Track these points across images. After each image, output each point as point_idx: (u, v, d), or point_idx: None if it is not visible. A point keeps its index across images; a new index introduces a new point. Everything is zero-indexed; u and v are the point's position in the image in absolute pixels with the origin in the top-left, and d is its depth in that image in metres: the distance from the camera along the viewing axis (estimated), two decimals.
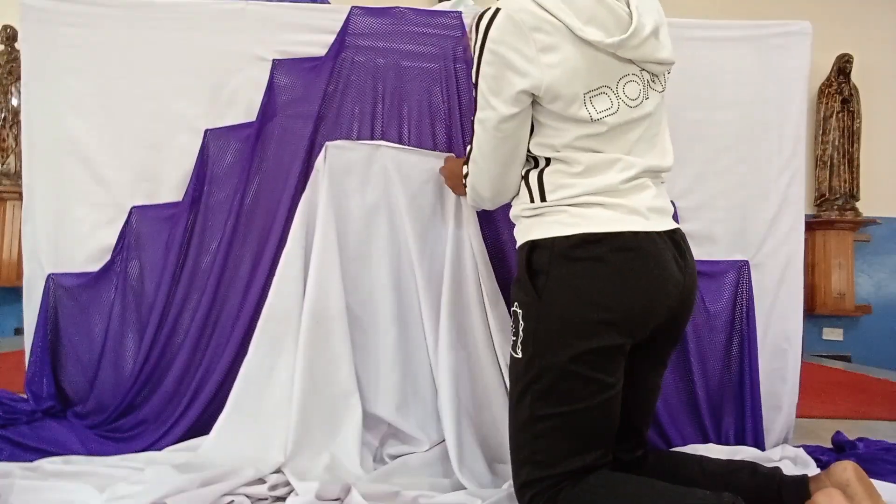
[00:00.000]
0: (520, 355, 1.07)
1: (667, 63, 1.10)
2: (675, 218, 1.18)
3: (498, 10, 1.03)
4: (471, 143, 1.17)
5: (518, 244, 1.14)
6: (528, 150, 1.12)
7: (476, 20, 1.07)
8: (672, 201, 1.61)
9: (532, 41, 1.00)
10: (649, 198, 1.09)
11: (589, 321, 1.01)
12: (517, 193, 1.16)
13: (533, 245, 1.08)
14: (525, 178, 1.12)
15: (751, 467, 1.14)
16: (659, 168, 1.12)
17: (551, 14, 1.00)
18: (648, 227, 1.05)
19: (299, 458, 1.33)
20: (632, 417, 1.15)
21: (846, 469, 1.04)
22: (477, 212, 1.48)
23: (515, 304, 1.10)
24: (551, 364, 1.03)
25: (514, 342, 1.09)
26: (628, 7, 1.05)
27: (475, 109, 1.12)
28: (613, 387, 1.05)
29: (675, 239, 1.10)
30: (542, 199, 1.09)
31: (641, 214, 1.06)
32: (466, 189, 1.23)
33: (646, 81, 1.09)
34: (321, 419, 1.40)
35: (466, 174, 1.22)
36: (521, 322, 1.07)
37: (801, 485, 1.07)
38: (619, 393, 1.07)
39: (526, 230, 1.11)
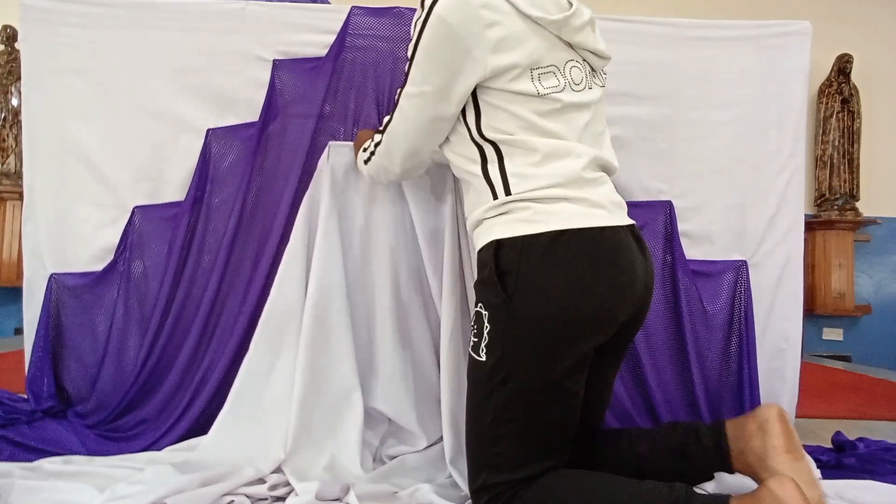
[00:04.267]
0: (483, 358, 1.04)
1: (604, 57, 1.13)
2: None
3: None
4: (389, 113, 1.16)
5: (480, 245, 1.09)
6: (482, 135, 1.07)
7: None
8: (669, 200, 1.63)
9: (479, 19, 0.99)
10: (610, 192, 1.10)
11: (560, 323, 0.99)
12: (470, 194, 1.13)
13: (499, 244, 1.04)
14: (485, 174, 1.07)
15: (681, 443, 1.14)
16: (608, 164, 1.13)
17: None
18: (613, 221, 1.05)
19: (299, 458, 1.33)
20: (587, 417, 1.14)
21: (770, 408, 1.07)
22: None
23: (480, 305, 1.06)
24: (519, 369, 1.01)
25: (476, 343, 1.05)
26: None
27: (403, 83, 1.10)
28: (578, 394, 1.05)
29: (635, 234, 1.09)
30: (507, 192, 1.04)
31: (605, 208, 1.05)
32: (371, 159, 1.24)
33: (587, 71, 1.11)
34: (321, 418, 1.40)
35: (375, 143, 1.22)
36: (486, 324, 1.04)
37: (718, 429, 1.11)
38: (582, 397, 1.06)
39: (488, 230, 1.07)
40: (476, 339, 1.06)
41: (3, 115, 3.84)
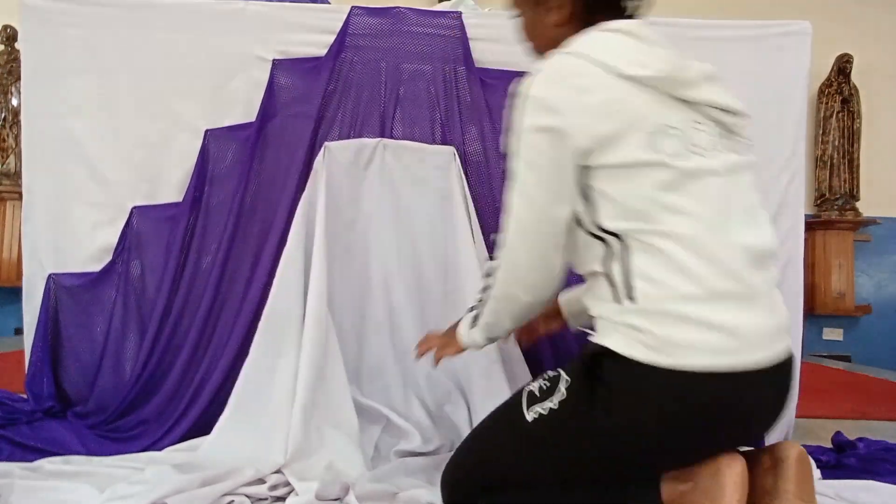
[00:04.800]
0: (528, 418, 0.94)
1: (733, 111, 0.96)
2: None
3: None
4: (499, 232, 1.01)
5: (595, 335, 0.94)
6: (600, 228, 0.91)
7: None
8: None
9: (572, 87, 0.89)
10: (764, 312, 0.87)
11: (628, 459, 0.90)
12: (592, 284, 0.97)
13: (611, 353, 0.88)
14: (607, 272, 0.91)
15: None
16: (765, 251, 0.90)
17: (586, 59, 0.90)
18: (755, 361, 0.84)
19: (299, 458, 1.32)
20: None
21: (792, 447, 0.93)
22: (476, 213, 1.47)
23: (565, 378, 0.93)
24: (548, 464, 0.95)
25: (532, 397, 0.95)
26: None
27: (510, 182, 0.96)
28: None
29: (784, 371, 0.89)
30: (630, 297, 0.87)
31: (749, 340, 0.84)
32: (482, 307, 1.07)
33: (716, 133, 0.94)
34: (321, 419, 1.40)
35: (482, 290, 1.07)
36: (553, 401, 0.92)
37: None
38: None
39: (607, 333, 0.90)
40: (537, 395, 0.95)
41: (3, 115, 3.84)
